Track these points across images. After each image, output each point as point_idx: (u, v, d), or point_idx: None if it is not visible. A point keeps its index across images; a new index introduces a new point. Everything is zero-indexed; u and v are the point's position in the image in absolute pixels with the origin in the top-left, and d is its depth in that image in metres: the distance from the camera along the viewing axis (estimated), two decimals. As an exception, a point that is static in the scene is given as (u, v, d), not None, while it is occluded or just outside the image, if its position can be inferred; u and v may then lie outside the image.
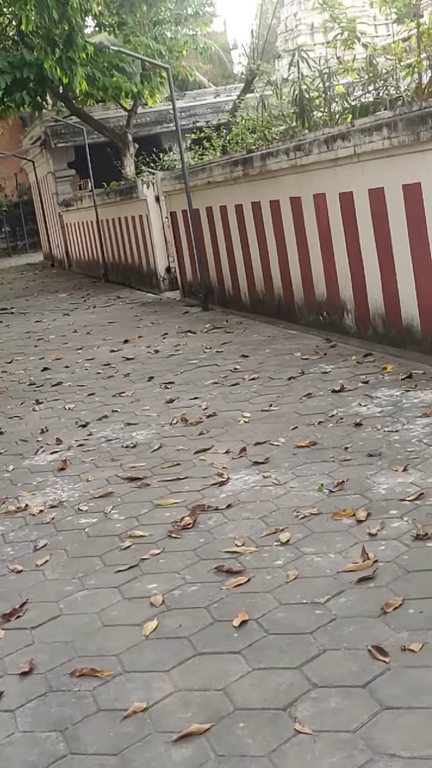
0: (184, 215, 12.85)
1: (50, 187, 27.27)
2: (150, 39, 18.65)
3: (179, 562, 4.12)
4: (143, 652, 3.38)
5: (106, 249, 19.48)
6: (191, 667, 3.24)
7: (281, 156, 9.36)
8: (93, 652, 3.46)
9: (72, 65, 14.63)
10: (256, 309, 10.86)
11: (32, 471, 5.93)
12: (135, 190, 15.76)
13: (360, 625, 3.32)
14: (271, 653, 3.23)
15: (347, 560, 3.84)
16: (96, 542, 4.53)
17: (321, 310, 9.10)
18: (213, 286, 12.31)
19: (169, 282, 15.42)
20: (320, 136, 8.99)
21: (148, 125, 24.93)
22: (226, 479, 5.10)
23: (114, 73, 18.10)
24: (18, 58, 16.91)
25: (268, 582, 3.76)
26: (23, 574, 4.28)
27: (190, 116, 25.07)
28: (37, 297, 18.80)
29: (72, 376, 8.92)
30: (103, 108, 23.26)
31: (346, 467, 4.97)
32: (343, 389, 6.58)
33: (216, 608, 3.62)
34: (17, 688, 3.29)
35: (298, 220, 9.28)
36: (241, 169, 10.54)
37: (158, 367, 8.68)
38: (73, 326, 12.85)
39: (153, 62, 15.18)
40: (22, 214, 42.02)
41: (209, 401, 6.96)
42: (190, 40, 20.54)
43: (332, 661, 3.12)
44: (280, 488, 4.83)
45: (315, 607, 3.50)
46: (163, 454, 5.82)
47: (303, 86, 12.66)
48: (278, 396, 6.76)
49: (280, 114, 15.23)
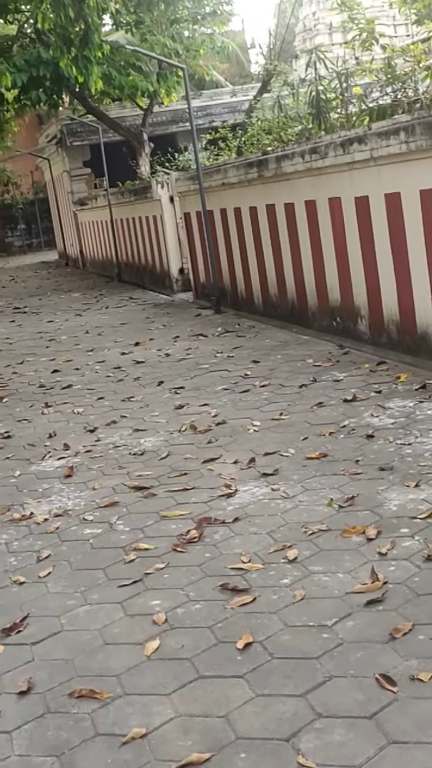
0: (198, 216, 12.77)
1: (65, 185, 27.23)
2: (167, 38, 18.54)
3: (184, 577, 4.03)
4: (144, 674, 3.29)
5: (120, 249, 19.42)
6: (192, 691, 3.14)
7: (297, 158, 9.25)
8: (93, 671, 3.36)
9: (88, 64, 14.55)
10: (269, 313, 10.76)
11: (39, 477, 5.85)
12: (149, 190, 15.68)
13: (367, 651, 3.22)
14: (276, 679, 3.14)
15: (356, 581, 3.74)
16: (100, 554, 4.44)
17: (334, 315, 8.99)
18: (226, 289, 12.22)
19: (182, 283, 15.34)
20: (336, 138, 8.88)
21: (163, 124, 24.84)
22: (233, 491, 5.01)
23: (130, 71, 18.02)
24: (34, 56, 16.85)
25: (274, 602, 3.67)
26: (25, 586, 4.20)
27: (206, 115, 24.97)
28: (50, 296, 18.75)
29: (82, 379, 8.84)
30: (119, 107, 23.18)
31: (357, 481, 4.87)
32: (356, 399, 6.48)
33: (220, 629, 3.53)
34: (15, 708, 3.20)
35: (313, 223, 9.18)
36: (256, 171, 10.44)
37: (169, 371, 8.60)
38: (85, 327, 12.78)
39: (169, 62, 15.09)
40: (37, 211, 42.07)
41: (219, 408, 6.87)
42: (208, 39, 20.40)
43: (338, 689, 3.03)
44: (289, 502, 4.74)
45: (321, 631, 3.40)
46: (170, 462, 5.73)
47: (320, 87, 12.55)
48: (289, 404, 6.66)
49: (296, 115, 15.11)
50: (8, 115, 20.45)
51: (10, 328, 14.04)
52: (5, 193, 42.49)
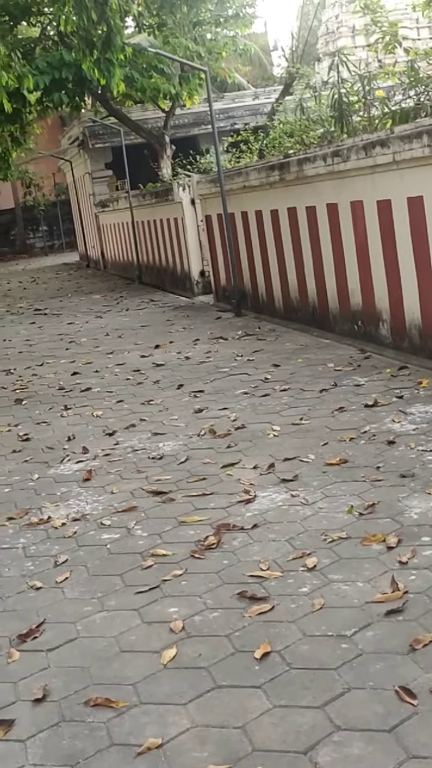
0: (219, 219, 12.74)
1: (87, 187, 27.27)
2: (189, 40, 18.52)
3: (201, 584, 3.99)
4: (160, 683, 3.26)
5: (141, 251, 19.42)
6: (209, 701, 3.10)
7: (318, 161, 9.20)
8: (109, 679, 3.33)
9: (110, 66, 14.55)
10: (290, 316, 10.71)
11: (57, 481, 5.83)
12: (171, 192, 15.67)
13: (387, 662, 3.17)
14: (294, 689, 3.09)
15: (376, 590, 3.69)
16: (117, 560, 4.41)
17: (356, 319, 8.93)
18: (246, 292, 12.18)
19: (202, 286, 15.32)
20: (359, 142, 8.82)
21: (185, 127, 24.83)
22: (252, 497, 4.97)
23: (152, 74, 18.02)
24: (57, 58, 16.90)
25: (293, 611, 3.62)
26: (42, 592, 4.17)
27: (228, 118, 24.95)
28: (71, 298, 18.78)
29: (101, 382, 8.82)
30: (141, 109, 23.19)
31: (378, 488, 4.81)
32: (377, 404, 6.42)
33: (237, 637, 3.48)
34: (30, 716, 3.17)
35: (335, 227, 9.12)
36: (278, 174, 10.40)
37: (188, 374, 8.56)
38: (105, 329, 12.78)
39: (190, 64, 15.06)
40: (59, 213, 42.17)
41: (238, 412, 6.82)
42: (230, 42, 20.38)
43: (357, 701, 2.98)
44: (308, 509, 4.69)
45: (341, 641, 3.35)
46: (189, 467, 5.69)
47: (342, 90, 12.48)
48: (309, 409, 6.61)
49: (318, 118, 15.05)
50: (30, 117, 20.47)
51: (31, 329, 14.06)
52: (27, 195, 42.62)
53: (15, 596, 4.16)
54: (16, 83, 14.33)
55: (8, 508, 5.40)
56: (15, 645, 3.67)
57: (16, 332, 13.96)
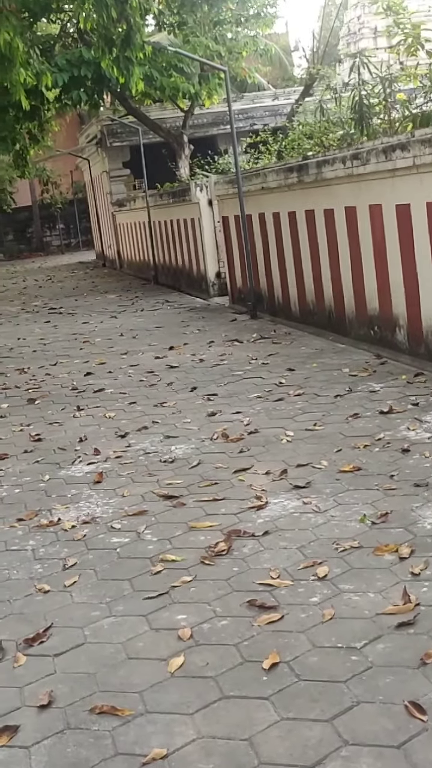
0: (237, 220, 12.70)
1: (104, 186, 27.27)
2: (210, 40, 18.48)
3: (211, 592, 3.95)
4: (167, 691, 3.22)
5: (157, 251, 19.40)
6: (216, 712, 3.06)
7: (337, 164, 9.15)
8: (115, 687, 3.29)
9: (129, 65, 14.51)
10: (306, 319, 10.65)
11: (68, 482, 5.80)
12: (188, 192, 15.63)
13: (397, 676, 3.12)
14: (302, 702, 3.05)
15: (387, 601, 3.64)
16: (126, 564, 4.38)
17: (372, 324, 8.87)
18: (262, 294, 12.14)
19: (218, 287, 15.27)
20: (379, 145, 8.76)
21: (204, 126, 24.79)
22: (264, 503, 4.92)
23: (172, 73, 17.98)
24: (76, 56, 16.88)
25: (303, 621, 3.58)
26: (50, 595, 4.14)
27: (248, 118, 24.89)
28: (86, 297, 18.77)
29: (115, 383, 8.79)
30: (159, 108, 23.16)
31: (391, 497, 4.76)
32: (392, 411, 6.37)
33: (246, 647, 3.44)
34: (34, 722, 3.14)
35: (353, 230, 9.06)
36: (296, 176, 10.35)
37: (202, 377, 8.52)
38: (120, 329, 12.76)
39: (210, 64, 15.01)
40: (76, 212, 42.26)
41: (252, 416, 6.78)
42: (251, 42, 20.32)
43: (366, 715, 2.93)
44: (321, 516, 4.64)
45: (350, 653, 3.30)
46: (201, 471, 5.65)
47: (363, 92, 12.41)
48: (323, 415, 6.56)
49: (338, 120, 14.98)
50: (49, 115, 20.47)
51: (46, 328, 14.06)
52: (45, 193, 42.71)
53: (23, 599, 4.13)
54: (35, 80, 14.32)
55: (18, 509, 5.38)
56: (22, 649, 3.64)
57: (30, 331, 13.96)
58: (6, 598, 4.15)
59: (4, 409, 8.19)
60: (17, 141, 20.26)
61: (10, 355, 11.57)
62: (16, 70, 12.88)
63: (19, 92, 13.49)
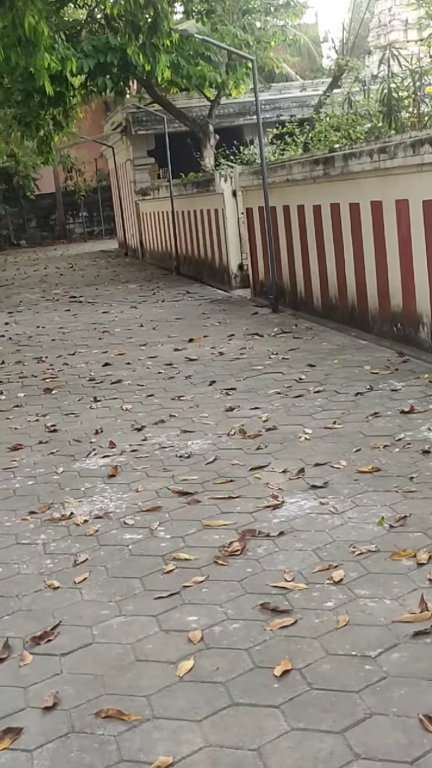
0: (261, 212, 12.58)
1: (128, 174, 27.16)
2: (238, 28, 18.30)
3: (223, 593, 3.86)
4: (175, 696, 3.14)
5: (180, 241, 19.29)
6: (225, 719, 2.98)
7: (364, 157, 9.01)
8: (122, 690, 3.22)
9: (155, 52, 14.37)
10: (328, 315, 10.53)
11: (82, 475, 5.73)
12: (212, 183, 15.51)
13: (412, 687, 3.02)
14: (313, 712, 2.96)
15: (404, 608, 3.54)
16: (138, 562, 4.30)
17: (395, 321, 8.75)
18: (284, 288, 12.02)
19: (240, 279, 15.15)
20: (407, 139, 8.63)
21: (230, 116, 24.62)
22: (280, 502, 4.83)
23: (199, 61, 17.81)
24: (103, 42, 16.74)
25: (316, 626, 3.49)
26: (59, 592, 4.07)
27: (274, 109, 24.71)
28: (107, 286, 18.70)
29: (133, 374, 8.71)
30: (186, 97, 23.00)
31: (410, 500, 4.66)
32: (413, 411, 6.25)
33: (257, 652, 3.36)
34: (38, 724, 3.07)
35: (378, 225, 8.93)
36: (322, 169, 10.21)
37: (221, 371, 8.43)
38: (140, 320, 12.67)
39: (238, 53, 14.85)
40: (99, 199, 42.15)
41: (270, 413, 6.68)
42: (280, 32, 20.13)
43: (379, 728, 2.84)
44: (337, 518, 4.54)
45: (364, 661, 3.21)
46: (217, 467, 5.56)
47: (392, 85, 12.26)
48: (343, 413, 6.45)
49: (366, 113, 14.83)
50: (74, 101, 20.37)
51: (65, 317, 14.00)
52: (68, 180, 42.64)
53: (31, 595, 4.06)
54: (59, 65, 14.21)
55: (31, 501, 5.31)
56: (28, 648, 3.57)
57: (50, 319, 13.90)
58: (14, 594, 4.08)
59: (21, 399, 8.14)
60: (41, 127, 20.16)
61: (29, 344, 11.52)
62: (41, 54, 12.76)
63: (43, 77, 13.37)
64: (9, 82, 18.08)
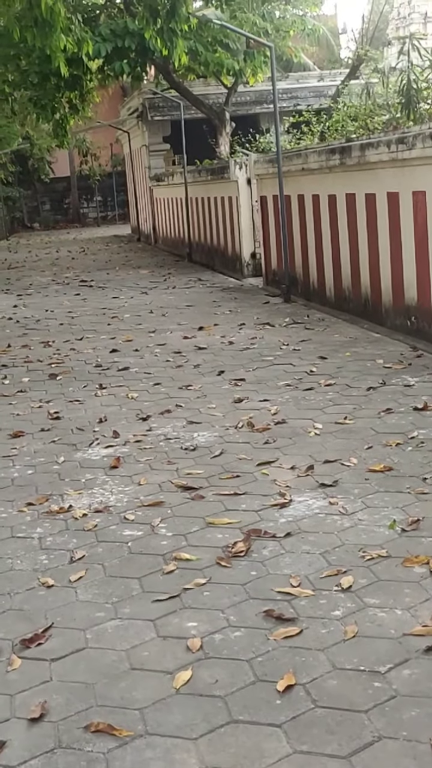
0: (275, 201, 12.34)
1: (143, 160, 26.92)
2: (257, 16, 18.02)
3: (225, 597, 3.66)
4: (171, 711, 2.93)
5: (193, 228, 19.06)
6: (223, 738, 2.78)
7: (382, 148, 8.77)
8: (114, 701, 3.01)
9: (173, 37, 14.13)
10: (341, 306, 10.31)
11: (83, 466, 5.53)
12: (227, 170, 15.27)
13: (424, 708, 2.82)
14: (318, 733, 2.75)
15: (415, 620, 3.34)
16: (137, 561, 4.09)
17: (410, 314, 8.52)
18: (297, 277, 11.79)
19: (253, 268, 14.92)
20: (425, 130, 8.38)
21: (247, 104, 24.33)
22: (288, 501, 4.62)
23: (217, 48, 17.57)
24: (121, 26, 16.51)
25: (323, 637, 3.28)
26: (53, 591, 3.86)
27: (291, 98, 24.42)
28: (118, 271, 18.49)
29: (140, 362, 8.51)
30: (203, 83, 22.73)
31: (423, 502, 4.45)
32: (426, 407, 6.03)
33: (260, 664, 3.15)
34: (23, 737, 2.87)
35: (394, 216, 8.70)
36: (338, 158, 9.97)
37: (231, 360, 8.21)
38: (150, 306, 12.46)
39: (256, 39, 14.59)
40: (114, 184, 41.96)
41: (280, 405, 6.47)
42: (299, 21, 19.88)
43: (387, 753, 2.64)
44: (347, 519, 4.33)
45: (373, 678, 3.01)
46: (223, 461, 5.35)
47: (412, 76, 12.01)
48: (354, 408, 6.23)
49: (384, 103, 14.56)
50: (91, 85, 20.13)
51: (75, 301, 13.79)
52: (83, 164, 42.42)
53: (24, 593, 3.86)
54: (75, 47, 13.98)
55: (29, 492, 5.11)
56: (17, 651, 3.37)
57: (59, 303, 13.70)
58: (6, 591, 3.88)
59: (25, 383, 7.94)
60: (57, 110, 19.95)
61: (36, 327, 11.32)
62: (57, 35, 12.56)
63: (59, 59, 13.16)
64: (26, 64, 17.86)
